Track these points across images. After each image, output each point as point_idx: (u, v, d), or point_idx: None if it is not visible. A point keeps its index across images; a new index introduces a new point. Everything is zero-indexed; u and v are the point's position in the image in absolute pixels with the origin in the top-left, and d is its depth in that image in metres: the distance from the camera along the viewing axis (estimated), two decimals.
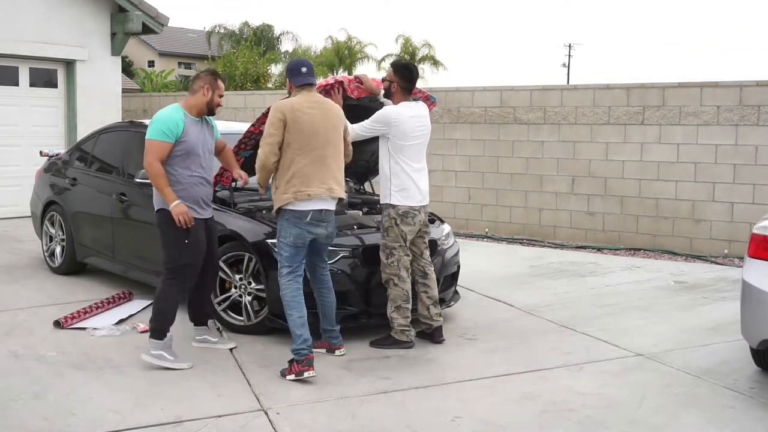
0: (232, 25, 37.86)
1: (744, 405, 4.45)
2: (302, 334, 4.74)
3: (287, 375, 4.71)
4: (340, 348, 5.19)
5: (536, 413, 4.27)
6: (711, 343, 5.63)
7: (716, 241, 9.33)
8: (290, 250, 4.84)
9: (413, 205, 5.33)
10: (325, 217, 4.88)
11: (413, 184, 5.33)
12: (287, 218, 4.82)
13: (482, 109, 10.80)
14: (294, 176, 4.76)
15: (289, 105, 4.81)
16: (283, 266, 4.87)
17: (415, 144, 5.37)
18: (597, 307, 6.69)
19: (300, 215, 4.79)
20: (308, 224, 4.81)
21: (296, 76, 4.93)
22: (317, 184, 4.79)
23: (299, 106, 4.80)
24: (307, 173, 4.77)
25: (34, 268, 7.86)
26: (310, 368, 4.68)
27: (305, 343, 4.72)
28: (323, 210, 4.85)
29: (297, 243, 4.82)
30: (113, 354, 5.16)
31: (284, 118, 4.75)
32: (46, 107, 11.94)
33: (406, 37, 37.57)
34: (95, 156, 7.54)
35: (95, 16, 12.13)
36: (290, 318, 4.81)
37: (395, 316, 5.34)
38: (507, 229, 10.71)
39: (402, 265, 5.31)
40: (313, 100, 4.90)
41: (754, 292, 4.54)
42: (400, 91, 5.42)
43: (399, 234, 5.30)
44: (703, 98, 9.31)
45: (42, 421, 4.03)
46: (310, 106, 4.84)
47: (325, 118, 4.87)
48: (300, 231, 4.80)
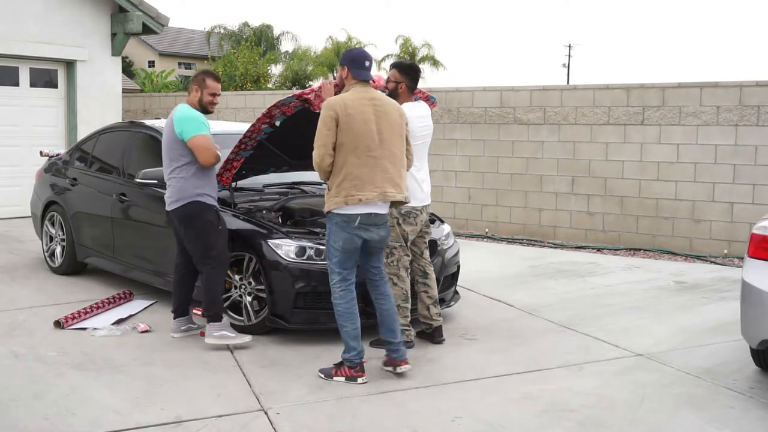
0: (232, 26, 37.91)
1: (744, 405, 4.45)
2: (356, 347, 4.65)
3: (335, 376, 4.68)
4: (403, 364, 4.75)
5: (536, 413, 4.27)
6: (711, 343, 5.63)
7: (716, 241, 9.34)
8: (340, 255, 4.62)
9: (416, 205, 5.32)
10: (375, 221, 4.62)
11: (416, 184, 5.32)
12: (336, 222, 4.59)
13: (482, 109, 10.80)
14: (345, 179, 4.50)
15: (341, 102, 4.53)
16: (334, 272, 4.67)
17: (419, 144, 5.36)
18: (597, 307, 6.69)
19: (348, 219, 4.54)
20: (357, 228, 4.56)
21: (360, 69, 4.64)
22: (370, 188, 4.52)
23: (351, 104, 4.52)
24: (359, 176, 4.50)
25: (34, 268, 7.87)
26: (363, 374, 4.67)
27: (359, 356, 4.67)
28: (373, 214, 4.58)
29: (346, 247, 4.60)
30: (113, 354, 5.17)
31: (336, 116, 4.48)
32: (46, 107, 11.94)
33: (405, 38, 37.54)
34: (95, 156, 7.54)
35: (95, 16, 12.13)
36: (343, 329, 4.66)
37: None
38: (507, 229, 10.71)
39: (401, 265, 5.31)
40: (368, 96, 4.61)
41: (754, 292, 4.54)
42: (407, 91, 5.41)
43: (400, 233, 5.28)
44: (702, 98, 9.31)
45: (42, 421, 4.03)
46: (363, 103, 4.55)
47: (379, 116, 4.57)
48: (349, 235, 4.57)
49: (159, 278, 6.42)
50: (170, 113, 5.41)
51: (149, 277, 6.57)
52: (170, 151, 5.30)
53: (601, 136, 9.97)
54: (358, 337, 4.69)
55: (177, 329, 5.56)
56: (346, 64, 4.71)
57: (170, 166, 5.31)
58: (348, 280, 4.68)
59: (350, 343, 4.66)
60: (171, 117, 5.33)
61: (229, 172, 5.86)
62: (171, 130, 5.27)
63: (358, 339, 4.68)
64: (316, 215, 5.99)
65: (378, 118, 4.59)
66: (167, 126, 5.34)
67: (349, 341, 4.66)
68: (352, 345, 4.66)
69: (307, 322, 5.46)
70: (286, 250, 5.39)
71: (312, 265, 5.35)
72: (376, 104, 4.62)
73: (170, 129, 5.28)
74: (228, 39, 36.70)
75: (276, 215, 5.96)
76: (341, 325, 4.68)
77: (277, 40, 37.82)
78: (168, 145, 5.31)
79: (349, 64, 4.69)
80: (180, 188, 5.26)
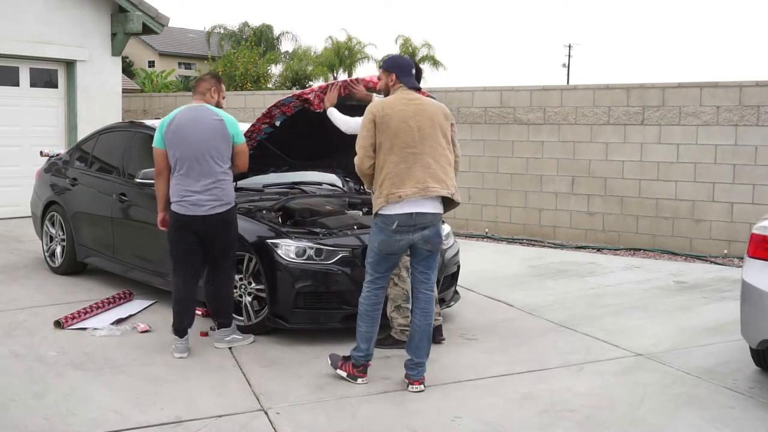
0: (232, 26, 37.91)
1: (744, 405, 4.45)
2: (366, 349, 4.65)
3: (338, 368, 4.72)
4: (416, 384, 4.58)
5: (536, 413, 4.27)
6: (711, 343, 5.63)
7: (716, 241, 9.34)
8: (375, 256, 4.55)
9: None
10: (417, 221, 4.43)
11: None
12: (376, 222, 4.53)
13: (482, 109, 10.80)
14: (386, 178, 4.43)
15: (380, 105, 4.54)
16: (367, 272, 4.63)
17: None
18: (597, 307, 6.69)
19: (387, 221, 4.43)
20: (395, 231, 4.43)
21: (406, 76, 4.65)
22: (411, 184, 4.39)
23: (390, 104, 4.52)
24: (398, 173, 4.41)
25: (34, 268, 7.87)
26: (364, 375, 4.67)
27: (366, 358, 4.67)
28: (414, 213, 4.42)
29: (383, 250, 4.51)
30: (113, 354, 5.17)
31: (374, 118, 4.47)
32: (46, 107, 11.94)
33: (406, 38, 37.56)
34: (95, 156, 7.54)
35: (95, 16, 12.13)
36: (358, 328, 4.64)
37: (395, 315, 5.33)
38: (507, 229, 10.71)
39: (403, 265, 5.29)
40: (407, 97, 4.59)
41: (754, 292, 4.54)
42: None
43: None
44: (702, 98, 9.31)
45: (42, 421, 4.03)
46: (403, 102, 4.54)
47: (418, 113, 4.50)
48: (386, 238, 4.46)
49: (159, 278, 6.42)
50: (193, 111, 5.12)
51: (149, 277, 6.57)
52: (218, 152, 5.06)
53: (601, 136, 9.97)
54: (371, 340, 4.66)
55: (186, 348, 5.20)
56: (391, 70, 4.69)
57: (216, 167, 5.06)
58: (378, 283, 4.61)
59: (361, 344, 4.66)
60: (215, 118, 5.08)
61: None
62: (221, 131, 5.07)
63: (370, 342, 4.66)
64: (316, 215, 5.99)
65: (418, 115, 4.51)
66: (210, 126, 5.06)
67: (361, 342, 4.66)
68: (362, 346, 4.66)
69: (307, 322, 5.46)
70: (286, 250, 5.39)
71: (312, 265, 5.35)
72: (416, 104, 4.57)
73: (219, 130, 5.07)
74: (228, 39, 36.70)
75: (276, 215, 5.96)
76: (358, 324, 4.67)
77: (277, 40, 37.84)
78: (215, 145, 5.06)
79: (395, 70, 4.67)
80: (227, 191, 5.13)
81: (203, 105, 5.17)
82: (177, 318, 5.19)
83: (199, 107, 5.16)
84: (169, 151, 5.10)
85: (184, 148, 5.05)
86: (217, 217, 5.09)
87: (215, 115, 5.12)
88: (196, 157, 5.04)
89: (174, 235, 5.18)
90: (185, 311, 5.19)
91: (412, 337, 4.64)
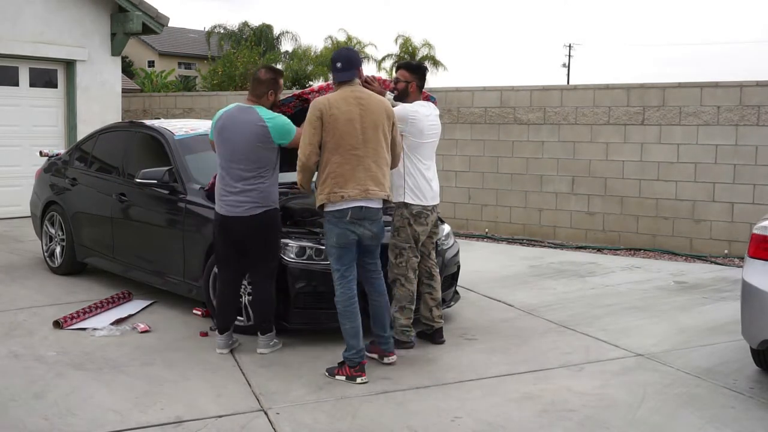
0: (232, 26, 37.92)
1: (744, 405, 4.45)
2: (355, 345, 4.69)
3: (336, 375, 4.71)
4: (390, 355, 4.97)
5: (536, 413, 4.27)
6: (711, 343, 5.63)
7: (716, 241, 9.33)
8: (336, 251, 4.71)
9: (426, 205, 5.31)
10: (366, 215, 4.67)
11: (426, 184, 5.31)
12: (329, 219, 4.70)
13: (482, 109, 10.79)
14: (329, 176, 4.62)
15: (326, 102, 4.63)
16: (334, 269, 4.76)
17: (429, 143, 5.38)
18: (597, 307, 6.69)
19: (340, 214, 4.64)
20: (349, 223, 4.64)
21: (333, 71, 4.77)
22: (353, 185, 4.60)
23: (336, 103, 4.61)
24: (342, 173, 4.60)
25: (34, 268, 7.86)
26: (362, 374, 4.68)
27: (358, 354, 4.69)
28: (363, 207, 4.65)
29: (341, 243, 4.68)
30: (113, 354, 5.16)
31: (321, 116, 4.59)
32: (46, 107, 11.94)
33: (405, 37, 37.57)
34: (95, 156, 7.54)
35: (95, 16, 12.13)
36: (343, 327, 4.73)
37: (398, 316, 5.31)
38: (507, 229, 10.71)
39: (410, 266, 5.28)
40: (353, 95, 4.68)
41: (754, 292, 4.54)
42: (417, 90, 5.43)
43: (411, 234, 5.26)
44: (703, 98, 9.30)
45: (42, 421, 4.03)
46: (349, 101, 4.63)
47: (363, 115, 4.64)
48: (342, 230, 4.66)
49: (158, 278, 6.42)
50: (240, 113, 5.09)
51: (149, 277, 6.57)
52: (256, 154, 5.02)
53: (601, 136, 9.96)
54: (358, 335, 4.71)
55: (227, 345, 5.23)
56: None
57: (252, 171, 5.03)
58: (347, 276, 4.73)
59: (350, 341, 4.70)
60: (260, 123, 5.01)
61: None
62: (263, 136, 5.01)
63: (358, 337, 4.71)
64: (316, 215, 5.98)
65: (363, 118, 4.65)
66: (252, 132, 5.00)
67: (349, 339, 4.71)
68: (351, 343, 4.70)
69: (307, 322, 5.46)
70: (286, 250, 5.38)
71: (312, 265, 5.35)
72: (362, 103, 4.68)
73: (262, 135, 5.01)
74: (228, 39, 36.69)
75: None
76: (341, 323, 4.73)
77: (277, 40, 37.84)
78: (254, 150, 5.01)
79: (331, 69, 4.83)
80: (266, 193, 5.07)
81: (252, 108, 5.10)
82: (217, 316, 5.29)
83: (248, 110, 5.10)
84: (216, 147, 5.18)
85: (224, 149, 5.10)
86: (253, 218, 5.05)
87: (261, 120, 5.03)
88: (234, 159, 5.05)
89: (215, 234, 5.24)
90: (224, 311, 5.24)
91: (375, 316, 4.93)
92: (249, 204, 5.04)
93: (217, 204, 5.18)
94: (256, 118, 5.04)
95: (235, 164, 5.05)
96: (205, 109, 13.22)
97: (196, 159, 6.40)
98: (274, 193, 5.17)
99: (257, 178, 5.05)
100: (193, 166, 6.31)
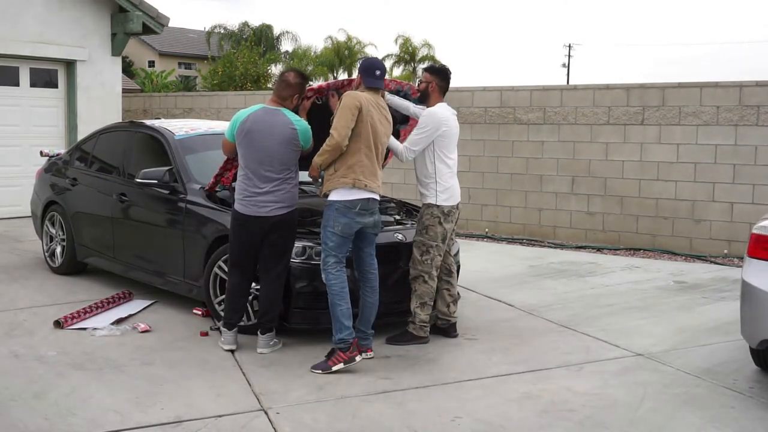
0: (232, 26, 37.93)
1: (744, 405, 4.45)
2: (349, 326, 4.88)
3: (333, 365, 4.80)
4: (368, 351, 5.09)
5: (536, 413, 4.27)
6: (711, 343, 5.63)
7: (716, 241, 9.33)
8: (337, 239, 4.93)
9: (453, 204, 5.49)
10: (372, 206, 5.00)
11: (455, 183, 5.51)
12: (336, 207, 4.91)
13: (482, 109, 10.80)
14: (357, 164, 4.90)
15: (365, 97, 4.95)
16: (330, 255, 4.95)
17: (454, 143, 5.53)
18: (597, 307, 6.69)
19: (350, 205, 4.89)
20: (357, 214, 4.91)
21: (369, 77, 5.06)
22: (372, 179, 4.96)
23: (369, 102, 4.95)
24: (367, 165, 4.94)
25: (34, 268, 7.87)
26: (357, 352, 4.85)
27: (351, 334, 4.87)
28: (371, 199, 4.98)
29: (345, 232, 4.92)
30: (113, 354, 5.17)
31: (360, 107, 4.87)
32: (46, 107, 11.94)
33: (405, 37, 37.62)
34: (95, 156, 7.54)
35: (95, 16, 12.13)
36: (338, 308, 4.89)
37: (419, 312, 5.43)
38: (507, 229, 10.71)
39: (435, 264, 5.44)
40: (379, 103, 5.07)
41: (753, 292, 4.54)
42: (438, 90, 5.52)
43: (439, 233, 5.41)
44: (702, 98, 9.31)
45: (42, 421, 4.03)
46: (376, 107, 5.01)
47: (381, 122, 5.02)
48: (348, 221, 4.91)
49: (159, 278, 6.42)
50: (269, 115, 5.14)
51: (149, 277, 6.57)
52: (286, 156, 5.12)
53: (601, 136, 9.97)
54: (351, 316, 4.91)
55: (234, 341, 5.27)
56: (360, 73, 5.13)
57: (282, 172, 5.12)
58: (342, 262, 5.00)
59: (345, 322, 4.86)
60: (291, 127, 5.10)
61: (230, 172, 5.85)
62: (293, 139, 5.12)
63: (351, 318, 4.91)
64: (315, 215, 5.98)
65: (380, 123, 5.03)
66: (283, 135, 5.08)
67: (344, 320, 4.86)
68: (346, 324, 4.86)
69: (307, 322, 5.47)
70: None
71: (312, 265, 5.34)
72: (381, 110, 5.08)
73: (292, 138, 5.11)
74: (228, 39, 36.70)
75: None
76: (336, 304, 4.88)
77: (277, 40, 37.85)
78: (284, 152, 5.11)
79: (362, 73, 5.10)
80: (292, 194, 5.19)
81: (280, 110, 5.16)
82: (226, 311, 5.31)
83: (276, 112, 5.16)
84: (239, 149, 5.18)
85: (253, 151, 5.11)
86: (277, 218, 5.13)
87: (291, 123, 5.13)
88: (263, 161, 5.09)
89: (234, 232, 5.25)
90: (234, 306, 5.28)
91: (362, 312, 5.10)
92: (276, 204, 5.12)
93: (238, 204, 5.18)
94: (286, 121, 5.13)
95: (265, 165, 5.09)
96: (205, 109, 13.22)
97: (196, 159, 6.41)
98: (297, 193, 5.29)
99: (285, 180, 5.15)
100: (194, 166, 6.31)
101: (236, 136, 5.18)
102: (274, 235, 5.15)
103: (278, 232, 5.15)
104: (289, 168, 5.16)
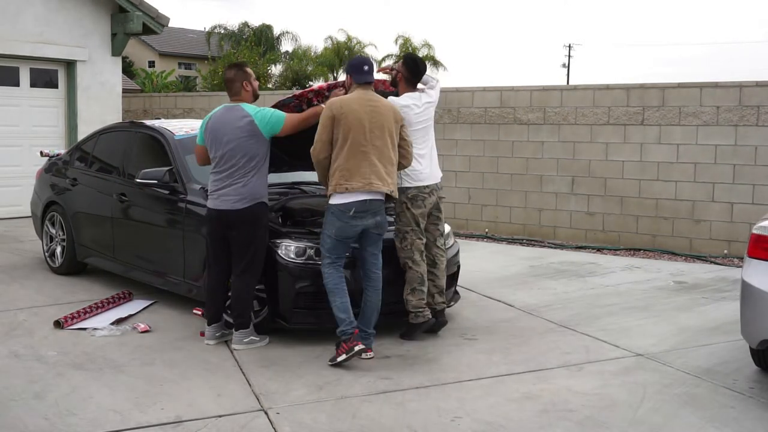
0: (232, 26, 37.97)
1: (744, 405, 4.45)
2: (347, 318, 4.94)
3: (338, 357, 4.88)
4: (368, 351, 5.05)
5: (536, 413, 4.27)
6: (711, 343, 5.63)
7: (716, 241, 9.33)
8: (331, 241, 5.02)
9: (420, 185, 5.49)
10: (370, 207, 4.99)
11: (421, 168, 5.51)
12: (332, 211, 5.00)
13: (482, 110, 10.80)
14: (337, 170, 4.95)
15: (339, 102, 5.00)
16: (325, 256, 5.06)
17: (417, 129, 5.53)
18: (597, 307, 6.69)
19: (344, 208, 4.94)
20: (352, 217, 4.95)
21: (358, 74, 5.12)
22: (357, 179, 4.92)
23: (349, 103, 4.98)
24: (348, 168, 4.93)
25: (34, 268, 7.87)
26: (358, 342, 4.87)
27: (351, 325, 4.92)
28: (367, 200, 4.96)
29: (339, 235, 4.99)
30: (113, 354, 5.17)
31: (333, 114, 4.94)
32: (46, 107, 11.94)
33: (405, 38, 37.63)
34: (96, 156, 7.54)
35: (95, 16, 12.13)
36: (334, 304, 4.98)
37: (410, 298, 5.46)
38: (507, 229, 10.71)
39: (415, 248, 5.46)
40: (366, 98, 5.05)
41: (753, 292, 4.54)
42: (404, 81, 5.61)
43: (411, 218, 5.45)
44: (702, 98, 9.31)
45: (42, 421, 4.03)
46: (361, 103, 5.00)
47: (372, 116, 4.98)
48: (342, 224, 4.97)
49: (159, 278, 6.42)
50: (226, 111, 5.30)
51: (149, 277, 6.57)
52: (249, 147, 5.20)
53: (601, 136, 9.97)
54: (348, 309, 4.98)
55: (213, 336, 5.40)
56: (348, 72, 5.21)
57: (238, 167, 5.20)
58: (337, 263, 5.07)
59: (341, 315, 4.95)
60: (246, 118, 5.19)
61: None
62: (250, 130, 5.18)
63: (348, 311, 4.97)
64: (316, 215, 5.98)
65: (372, 118, 4.99)
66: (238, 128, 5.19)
67: (340, 314, 4.95)
68: (342, 317, 4.95)
69: (307, 322, 5.46)
70: (286, 250, 5.39)
71: (312, 265, 5.34)
72: (371, 105, 5.04)
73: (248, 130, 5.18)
74: (228, 39, 36.73)
75: (276, 215, 5.95)
76: (332, 300, 4.98)
77: (277, 40, 37.87)
78: (244, 145, 5.18)
79: (350, 71, 5.18)
80: (254, 187, 5.22)
81: (237, 105, 5.34)
82: (206, 307, 5.49)
83: (233, 108, 5.32)
84: (209, 150, 5.35)
85: (216, 147, 5.29)
86: (238, 212, 5.20)
87: (247, 115, 5.23)
88: (225, 156, 5.25)
89: (206, 228, 5.42)
90: (212, 302, 5.41)
91: (364, 311, 5.11)
92: (235, 197, 5.21)
93: (208, 200, 5.37)
94: (241, 114, 5.24)
95: (224, 160, 5.24)
96: (205, 109, 13.22)
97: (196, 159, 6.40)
98: (261, 187, 5.30)
99: (244, 174, 5.22)
100: (194, 166, 6.29)
101: (205, 139, 5.37)
102: (235, 231, 5.24)
103: (239, 227, 5.22)
104: (249, 161, 5.22)
